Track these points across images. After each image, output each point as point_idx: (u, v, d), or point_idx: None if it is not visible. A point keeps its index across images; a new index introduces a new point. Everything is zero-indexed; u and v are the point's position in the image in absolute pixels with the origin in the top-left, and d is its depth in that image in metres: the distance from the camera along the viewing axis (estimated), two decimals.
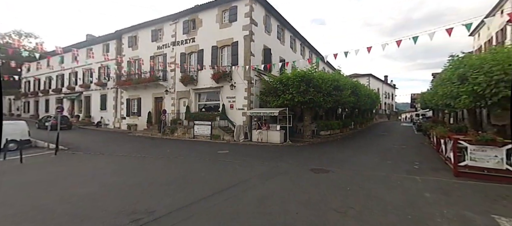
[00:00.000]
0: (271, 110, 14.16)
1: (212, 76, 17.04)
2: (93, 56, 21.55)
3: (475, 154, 6.87)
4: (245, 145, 13.99)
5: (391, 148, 12.64)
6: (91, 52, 25.12)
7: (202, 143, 14.91)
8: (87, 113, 26.46)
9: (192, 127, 16.89)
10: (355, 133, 21.05)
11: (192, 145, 14.16)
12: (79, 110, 27.73)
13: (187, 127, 17.49)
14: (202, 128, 16.41)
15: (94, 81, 25.59)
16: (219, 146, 13.33)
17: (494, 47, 8.62)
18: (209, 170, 8.18)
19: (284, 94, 14.20)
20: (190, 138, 16.89)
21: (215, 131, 15.98)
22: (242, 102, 16.39)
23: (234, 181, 6.69)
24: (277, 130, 14.42)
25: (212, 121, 16.56)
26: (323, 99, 14.14)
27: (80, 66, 26.70)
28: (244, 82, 16.25)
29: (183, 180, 6.86)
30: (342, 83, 16.20)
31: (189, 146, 13.64)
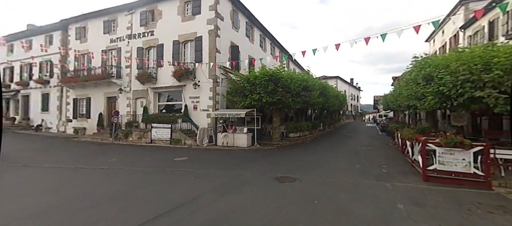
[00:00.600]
0: (238, 112, 13.11)
1: (173, 74, 15.40)
2: (33, 49, 18.37)
3: (444, 157, 6.60)
4: (208, 150, 12.70)
5: (359, 150, 12.42)
6: (31, 44, 21.67)
7: (159, 148, 13.24)
8: (25, 114, 22.61)
9: (149, 130, 15.05)
10: (324, 134, 21.00)
11: (147, 151, 12.44)
12: (15, 112, 23.61)
13: (143, 130, 15.58)
14: (160, 131, 14.68)
15: (34, 78, 21.95)
16: (179, 152, 11.86)
17: (459, 47, 8.62)
18: (158, 183, 6.80)
19: (251, 95, 13.24)
20: (146, 143, 15.02)
21: (176, 134, 14.39)
22: (207, 102, 15.06)
23: (185, 197, 5.46)
24: (244, 133, 13.39)
25: (173, 124, 14.96)
26: (292, 100, 13.50)
27: (18, 60, 22.74)
28: (209, 81, 14.95)
29: (120, 199, 5.43)
30: (311, 84, 15.80)
31: (143, 153, 11.93)
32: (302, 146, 14.11)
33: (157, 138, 14.73)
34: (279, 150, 12.55)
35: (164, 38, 16.38)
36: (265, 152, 11.94)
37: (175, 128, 14.87)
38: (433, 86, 7.82)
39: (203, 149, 12.92)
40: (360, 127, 31.75)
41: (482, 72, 6.44)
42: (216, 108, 14.93)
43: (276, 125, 14.36)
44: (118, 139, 15.90)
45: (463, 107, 7.35)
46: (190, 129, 15.15)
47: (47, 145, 14.31)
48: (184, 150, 12.71)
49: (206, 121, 14.86)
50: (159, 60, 16.30)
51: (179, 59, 15.72)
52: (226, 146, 13.02)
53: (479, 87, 6.59)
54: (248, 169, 8.22)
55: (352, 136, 19.44)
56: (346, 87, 48.82)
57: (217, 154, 11.40)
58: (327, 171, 7.96)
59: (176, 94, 16.29)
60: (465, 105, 7.20)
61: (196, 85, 15.03)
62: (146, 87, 16.74)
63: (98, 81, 17.60)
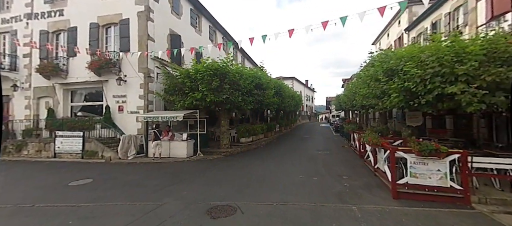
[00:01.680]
0: (174, 114, 10.47)
1: (89, 65, 11.85)
2: None
3: (416, 168, 5.35)
4: (133, 164, 9.75)
5: (315, 155, 11.08)
6: None
7: (63, 165, 9.73)
8: None
9: (53, 140, 11.23)
10: (280, 136, 19.65)
11: (39, 170, 8.88)
12: None
13: (46, 140, 11.61)
14: (68, 141, 11.03)
15: None
16: (87, 170, 8.68)
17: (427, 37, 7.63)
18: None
19: (193, 93, 10.78)
20: (49, 157, 11.18)
21: (90, 145, 10.96)
22: (136, 103, 11.98)
23: None
24: (183, 140, 10.81)
25: (89, 131, 11.45)
26: (243, 99, 11.49)
27: None
28: (139, 76, 11.91)
29: None
30: (264, 82, 14.07)
31: (31, 174, 8.39)
32: (255, 152, 12.22)
33: (63, 150, 11.03)
34: (227, 160, 10.38)
35: (77, 20, 12.63)
36: (208, 164, 9.62)
37: (90, 136, 11.40)
38: (397, 82, 6.70)
39: (126, 163, 9.90)
40: (315, 127, 31.81)
41: (455, 64, 5.42)
42: (149, 110, 11.97)
43: (225, 128, 12.17)
44: (7, 153, 11.56)
45: (431, 106, 6.37)
46: (115, 136, 11.85)
47: None
48: (98, 166, 9.51)
49: (135, 126, 11.78)
50: (71, 48, 12.49)
51: (99, 47, 12.23)
52: (159, 158, 10.26)
53: (450, 82, 5.58)
54: (173, 195, 5.83)
55: (308, 138, 18.49)
56: (302, 88, 49.56)
57: (141, 171, 8.62)
58: (279, 190, 6.09)
59: (97, 92, 12.71)
60: (432, 104, 6.21)
61: (121, 80, 11.80)
62: (52, 83, 12.69)
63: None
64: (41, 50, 12.81)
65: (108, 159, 10.12)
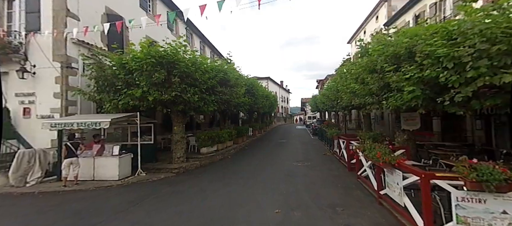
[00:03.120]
0: (95, 119, 7.33)
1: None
2: None
3: (467, 209, 3.19)
4: (28, 195, 6.47)
5: (295, 170, 8.76)
6: None
7: None
8: None
9: None
10: (254, 142, 17.16)
11: None
12: None
13: None
14: None
15: None
16: None
17: None
18: None
19: (129, 89, 7.81)
20: None
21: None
22: (50, 104, 8.62)
23: None
24: (114, 155, 7.72)
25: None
26: (200, 98, 8.74)
27: None
28: (55, 67, 8.58)
29: None
30: (232, 78, 11.47)
31: None
32: (219, 166, 9.53)
33: None
34: (177, 181, 7.56)
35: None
36: (148, 189, 6.73)
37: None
38: (412, 70, 4.59)
39: (19, 193, 6.57)
40: (291, 129, 30.00)
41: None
42: (68, 114, 8.68)
43: (178, 136, 9.28)
44: None
45: (463, 106, 4.36)
46: (17, 151, 8.33)
47: None
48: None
49: (49, 137, 8.40)
50: None
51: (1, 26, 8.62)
52: (73, 183, 7.07)
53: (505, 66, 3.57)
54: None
55: (285, 143, 16.27)
56: (277, 89, 47.87)
57: (28, 209, 5.45)
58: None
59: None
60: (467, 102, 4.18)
61: (26, 72, 8.36)
62: None
63: None
64: None
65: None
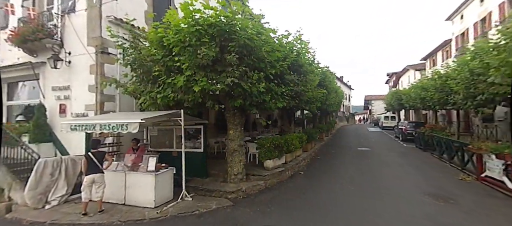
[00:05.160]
0: (122, 119, 5.04)
1: (9, 37, 7.13)
2: None
3: None
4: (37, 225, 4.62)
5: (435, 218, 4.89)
6: None
7: None
8: None
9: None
10: (323, 148, 13.45)
11: None
12: None
13: None
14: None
15: None
16: None
17: None
18: None
19: (169, 76, 5.39)
20: None
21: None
22: (85, 99, 6.99)
23: None
24: (149, 171, 5.38)
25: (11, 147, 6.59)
26: (267, 89, 5.73)
27: None
28: (89, 53, 6.89)
29: None
30: (305, 62, 8.19)
31: None
32: (291, 192, 6.35)
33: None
34: (232, 220, 4.74)
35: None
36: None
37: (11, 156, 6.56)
38: None
39: (33, 221, 4.79)
40: (362, 131, 24.81)
41: None
42: (104, 111, 6.89)
43: (235, 144, 6.47)
44: None
45: None
46: (55, 155, 6.99)
47: None
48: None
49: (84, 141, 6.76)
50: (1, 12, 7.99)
51: (35, 6, 7.48)
52: (96, 208, 5.00)
53: None
54: None
55: (371, 153, 12.06)
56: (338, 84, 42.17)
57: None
58: None
59: (32, 84, 7.99)
60: None
61: (60, 61, 6.89)
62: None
63: None
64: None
65: (3, 209, 5.11)
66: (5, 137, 6.48)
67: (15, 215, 4.99)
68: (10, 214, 5.05)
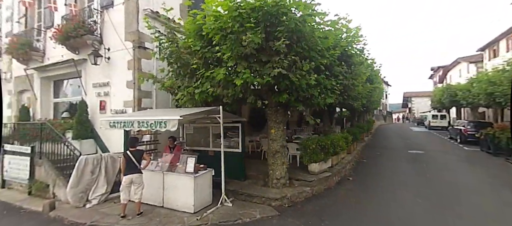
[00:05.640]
0: (158, 116, 4.63)
1: (55, 35, 7.28)
2: None
3: None
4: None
5: None
6: None
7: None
8: None
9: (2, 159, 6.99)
10: (366, 150, 12.10)
11: None
12: None
13: None
14: (16, 162, 6.60)
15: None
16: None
17: None
18: None
19: (208, 69, 4.89)
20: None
21: (40, 171, 6.24)
22: (123, 95, 6.87)
23: None
24: (187, 173, 4.95)
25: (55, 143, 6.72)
26: (316, 82, 4.92)
27: None
28: (127, 48, 6.74)
29: None
30: (355, 53, 7.18)
31: None
32: (343, 201, 5.49)
33: (11, 177, 6.67)
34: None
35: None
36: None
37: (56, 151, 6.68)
38: None
39: (67, 224, 4.66)
40: (404, 131, 22.49)
41: None
42: (141, 108, 6.70)
43: (277, 144, 5.77)
44: None
45: None
46: (95, 152, 7.02)
47: None
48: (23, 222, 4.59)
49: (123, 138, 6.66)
50: (48, 12, 8.33)
51: (76, 3, 7.58)
52: (135, 210, 4.71)
53: None
54: None
55: (425, 157, 10.53)
56: None
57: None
58: None
59: (77, 81, 8.17)
60: None
61: (99, 57, 6.84)
62: (30, 71, 8.72)
63: None
64: (20, 23, 9.11)
65: (47, 207, 5.08)
66: (50, 133, 6.64)
67: (58, 213, 4.91)
68: (53, 212, 4.99)
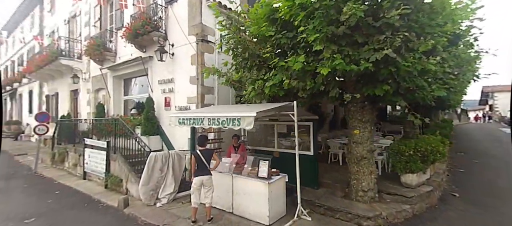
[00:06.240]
0: (230, 112, 4.08)
1: (125, 33, 7.52)
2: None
3: None
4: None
5: None
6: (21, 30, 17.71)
7: (76, 198, 5.51)
8: (19, 117, 18.93)
9: (83, 152, 7.55)
10: (457, 157, 9.80)
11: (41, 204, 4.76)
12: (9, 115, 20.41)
13: (80, 152, 8.09)
14: (95, 155, 7.01)
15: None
16: None
17: None
18: None
19: (280, 58, 4.14)
20: (80, 175, 7.65)
21: (115, 165, 6.42)
22: (187, 91, 6.68)
23: None
24: (261, 178, 4.31)
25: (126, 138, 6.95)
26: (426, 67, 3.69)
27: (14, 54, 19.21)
28: (190, 43, 6.50)
29: None
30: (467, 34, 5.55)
31: None
32: None
33: (91, 170, 7.13)
34: None
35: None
36: None
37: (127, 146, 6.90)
38: None
39: (150, 216, 4.50)
40: (494, 133, 18.28)
41: None
42: (204, 105, 6.38)
43: (363, 150, 4.71)
44: (54, 164, 9.09)
45: None
46: (161, 149, 7.07)
47: None
48: (100, 216, 4.64)
49: (187, 134, 6.47)
50: (118, 14, 8.83)
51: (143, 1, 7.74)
52: (205, 215, 4.29)
53: None
54: None
55: None
56: None
57: None
58: None
59: (145, 79, 8.41)
60: None
61: (164, 53, 6.77)
62: (105, 70, 9.41)
63: (49, 66, 11.22)
64: (95, 27, 9.94)
65: (121, 203, 5.08)
66: (122, 129, 6.86)
67: (132, 211, 4.83)
68: (127, 209, 4.95)
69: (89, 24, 10.38)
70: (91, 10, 10.25)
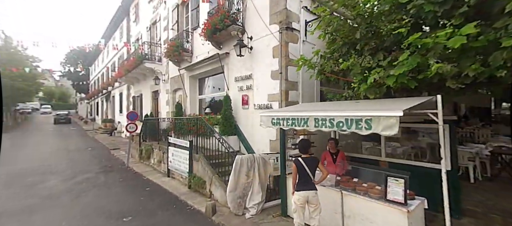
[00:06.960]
0: (342, 112, 3.07)
1: (204, 29, 7.33)
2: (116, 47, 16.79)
3: None
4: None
5: None
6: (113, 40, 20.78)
7: (161, 200, 5.55)
8: (112, 115, 22.24)
9: (167, 150, 7.78)
10: None
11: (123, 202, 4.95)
12: (105, 114, 24.18)
13: (163, 149, 8.40)
14: (178, 154, 7.05)
15: None
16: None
17: None
18: None
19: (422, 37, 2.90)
20: (164, 172, 7.92)
21: (197, 166, 6.22)
22: (268, 88, 6.01)
23: None
24: (397, 202, 3.17)
25: (205, 138, 6.78)
26: None
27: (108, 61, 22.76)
28: (272, 33, 5.77)
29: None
30: None
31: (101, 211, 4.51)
32: None
33: (174, 168, 7.24)
34: None
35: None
36: None
37: (208, 146, 6.70)
38: None
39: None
40: None
41: None
42: (289, 102, 5.57)
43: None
44: (142, 159, 9.85)
45: None
46: (239, 150, 6.65)
47: None
48: (190, 223, 4.35)
49: (268, 136, 5.83)
50: (194, 15, 8.90)
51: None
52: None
53: None
54: None
55: None
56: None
57: None
58: None
59: (218, 78, 8.20)
60: None
61: (243, 47, 6.24)
62: (182, 71, 9.70)
63: (131, 70, 12.43)
64: (173, 30, 10.39)
65: (209, 209, 4.71)
66: (202, 128, 6.69)
67: (221, 221, 4.39)
68: (215, 217, 4.54)
69: (167, 28, 10.96)
70: (169, 14, 10.78)
